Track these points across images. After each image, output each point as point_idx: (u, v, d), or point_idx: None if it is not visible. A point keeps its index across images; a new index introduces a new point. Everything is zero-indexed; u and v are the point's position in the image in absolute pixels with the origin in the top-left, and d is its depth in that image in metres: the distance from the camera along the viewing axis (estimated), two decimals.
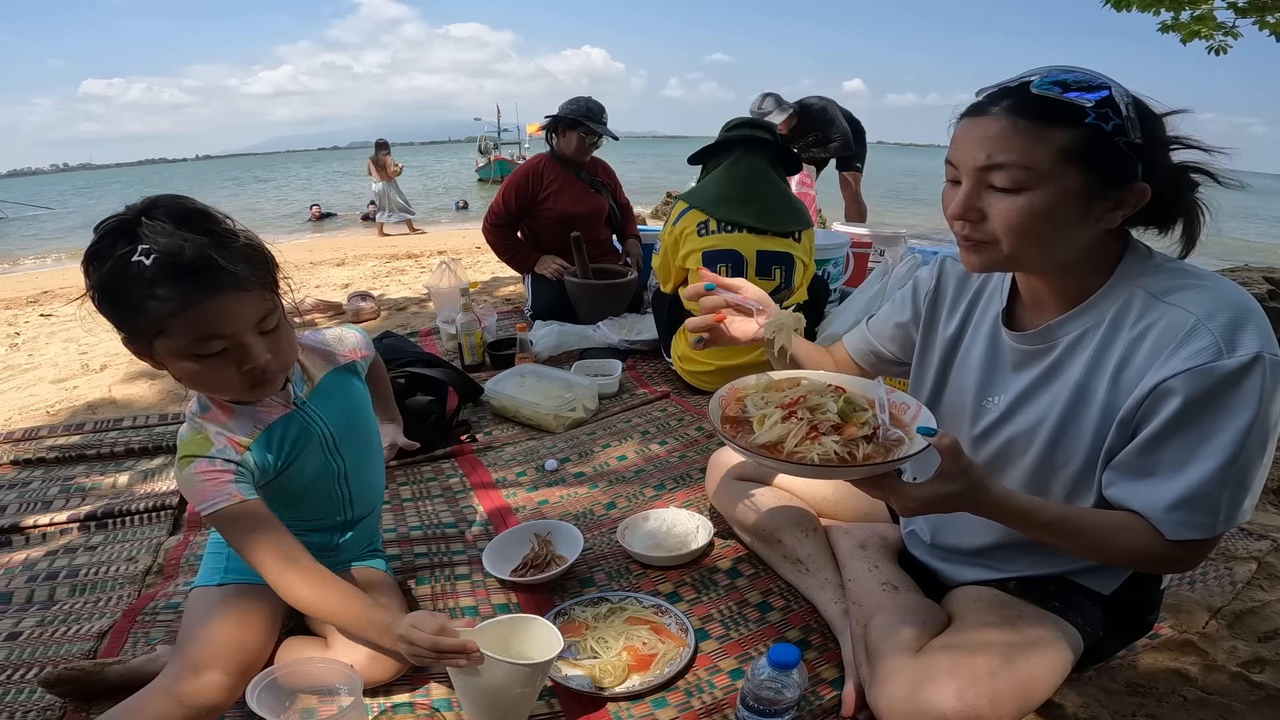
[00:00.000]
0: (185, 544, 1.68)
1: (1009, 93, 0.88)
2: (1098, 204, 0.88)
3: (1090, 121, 0.84)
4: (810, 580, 1.36)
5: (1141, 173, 0.86)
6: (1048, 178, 0.86)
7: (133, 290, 0.92)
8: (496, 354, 2.77)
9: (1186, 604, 1.43)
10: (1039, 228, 0.88)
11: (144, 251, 0.91)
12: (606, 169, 3.43)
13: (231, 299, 0.96)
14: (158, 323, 0.93)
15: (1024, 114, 0.86)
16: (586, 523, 1.70)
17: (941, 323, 1.18)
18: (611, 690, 1.17)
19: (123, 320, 0.97)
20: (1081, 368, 0.96)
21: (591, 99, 3.18)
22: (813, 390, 1.01)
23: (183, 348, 0.96)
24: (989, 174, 0.89)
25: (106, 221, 0.96)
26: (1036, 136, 0.85)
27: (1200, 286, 0.88)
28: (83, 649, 1.32)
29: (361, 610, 1.07)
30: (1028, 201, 0.87)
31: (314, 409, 1.19)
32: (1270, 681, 1.24)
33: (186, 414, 1.10)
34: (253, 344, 1.00)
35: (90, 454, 2.18)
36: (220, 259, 0.94)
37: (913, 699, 0.93)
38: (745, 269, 2.35)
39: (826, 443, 0.91)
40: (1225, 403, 0.83)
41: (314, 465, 1.19)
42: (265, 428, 1.12)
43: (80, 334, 3.77)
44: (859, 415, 0.95)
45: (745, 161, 2.42)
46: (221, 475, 1.04)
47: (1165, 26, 5.56)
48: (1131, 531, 0.90)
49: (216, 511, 1.03)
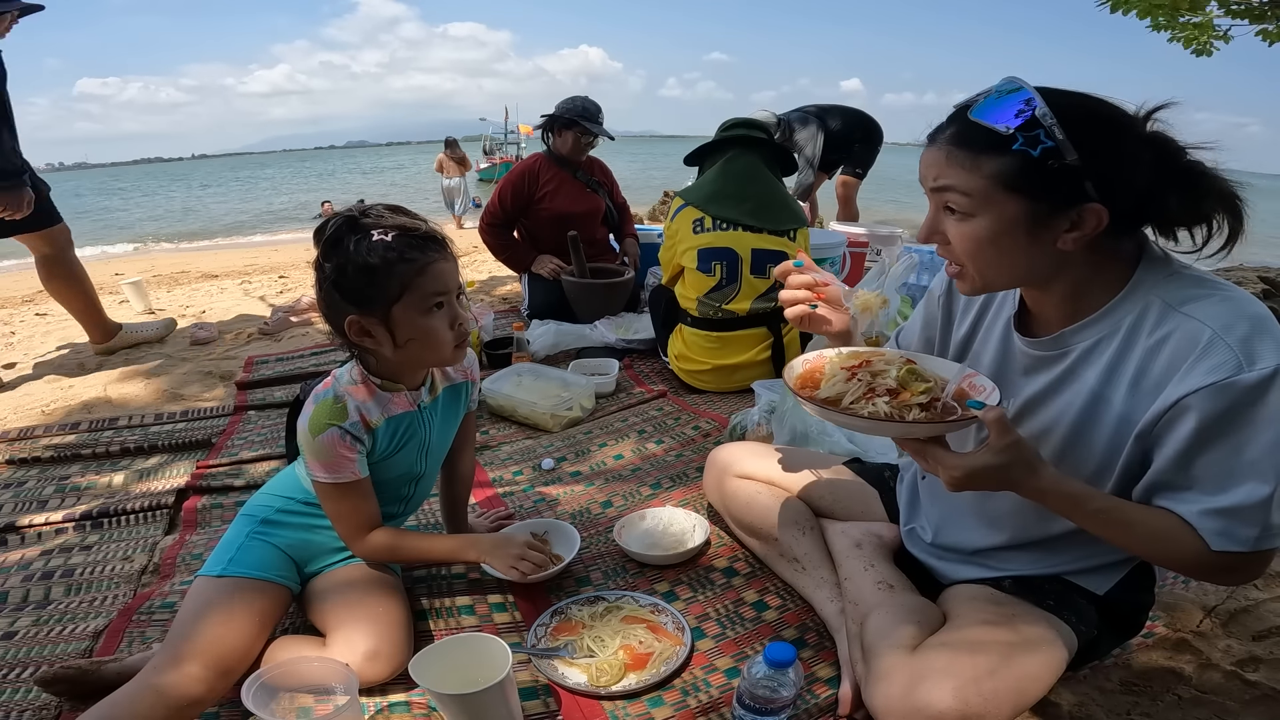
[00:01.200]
0: (181, 543, 1.67)
1: (953, 119, 0.90)
2: (1047, 228, 0.87)
3: (1018, 148, 0.83)
4: (806, 579, 1.36)
5: (1098, 192, 0.84)
6: (986, 205, 0.87)
7: (382, 257, 1.11)
8: (493, 353, 2.77)
9: (1181, 603, 1.44)
10: (988, 253, 0.90)
11: (381, 232, 1.12)
12: (603, 168, 3.43)
13: (450, 265, 1.19)
14: (404, 281, 1.13)
15: (958, 142, 0.88)
16: (583, 522, 1.70)
17: (955, 325, 1.18)
18: (608, 689, 1.17)
19: (369, 288, 1.13)
20: (1097, 376, 0.94)
21: (588, 98, 3.17)
22: (882, 358, 1.05)
23: (419, 303, 1.15)
24: (942, 198, 0.91)
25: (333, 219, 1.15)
26: (969, 165, 0.87)
27: (1215, 297, 0.86)
28: (78, 648, 1.32)
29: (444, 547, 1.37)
30: (973, 228, 0.89)
31: (430, 415, 1.32)
32: (1265, 680, 1.25)
33: (333, 381, 1.23)
34: (456, 304, 1.20)
35: (86, 453, 2.18)
36: (437, 232, 1.19)
37: (908, 697, 0.93)
38: (740, 267, 2.35)
39: (879, 403, 0.94)
40: (1252, 416, 0.82)
41: (406, 463, 1.31)
42: (390, 417, 1.24)
43: (76, 333, 3.76)
44: (917, 385, 0.98)
45: (741, 160, 2.42)
46: (350, 453, 1.19)
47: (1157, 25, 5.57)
48: (1179, 535, 0.87)
49: (336, 483, 1.20)
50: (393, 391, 1.25)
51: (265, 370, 2.91)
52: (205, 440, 2.25)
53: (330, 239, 1.14)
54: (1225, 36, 5.40)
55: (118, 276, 5.58)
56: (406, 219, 1.16)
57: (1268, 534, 0.84)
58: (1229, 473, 0.84)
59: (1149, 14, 5.36)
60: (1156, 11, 5.33)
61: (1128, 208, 0.86)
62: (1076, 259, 0.91)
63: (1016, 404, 1.04)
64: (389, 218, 1.15)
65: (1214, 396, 0.82)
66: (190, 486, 1.93)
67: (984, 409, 0.86)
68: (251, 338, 3.48)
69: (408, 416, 1.27)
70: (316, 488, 1.23)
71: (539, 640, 1.28)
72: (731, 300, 2.38)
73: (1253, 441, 0.82)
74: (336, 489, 1.21)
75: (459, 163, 10.60)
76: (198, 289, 5.04)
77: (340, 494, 1.22)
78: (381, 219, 1.14)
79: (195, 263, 7.17)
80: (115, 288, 4.99)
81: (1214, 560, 0.86)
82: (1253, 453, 0.83)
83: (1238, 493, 0.83)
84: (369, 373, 1.23)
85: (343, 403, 1.19)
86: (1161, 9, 5.30)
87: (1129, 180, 0.85)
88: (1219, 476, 0.85)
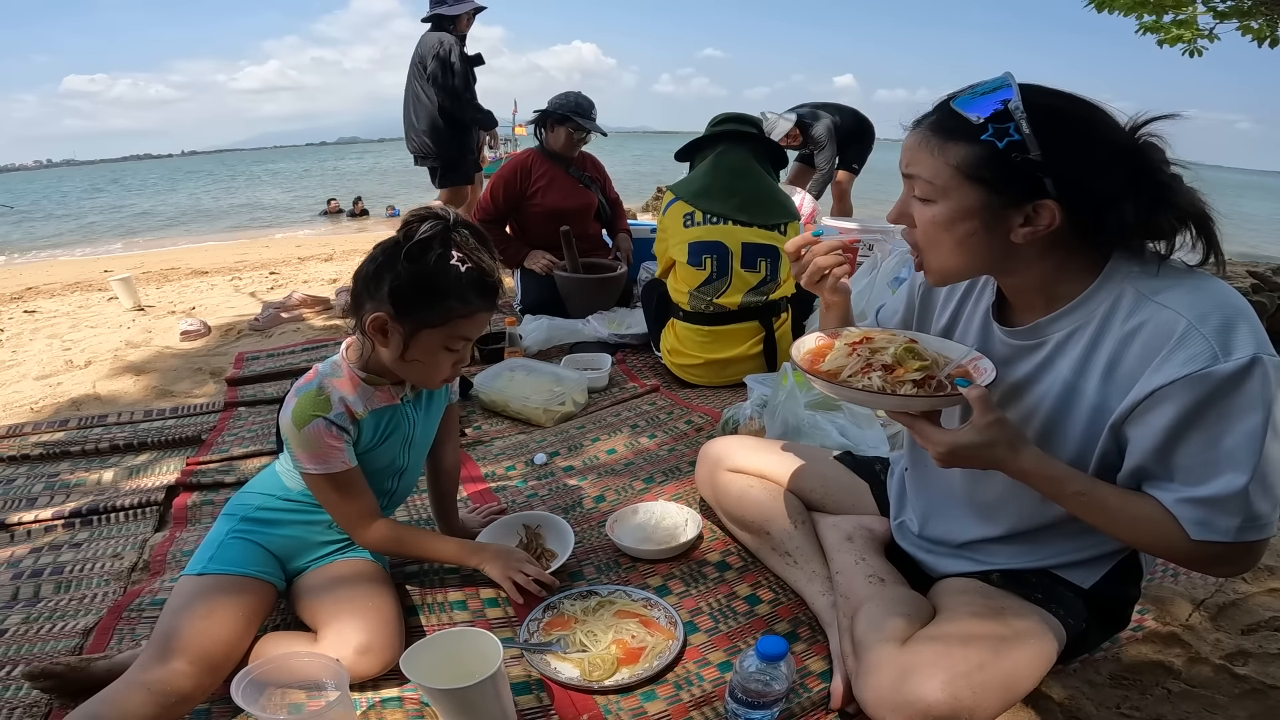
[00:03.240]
0: (171, 540, 1.66)
1: (937, 108, 0.93)
2: (1002, 219, 0.89)
3: (985, 139, 0.85)
4: (798, 572, 1.36)
5: (1057, 190, 0.85)
6: (947, 192, 0.90)
7: (447, 286, 1.14)
8: (485, 348, 2.76)
9: (1170, 596, 1.45)
10: (942, 239, 0.93)
11: (459, 259, 1.14)
12: (595, 164, 3.42)
13: (490, 316, 1.23)
14: (450, 315, 1.16)
15: (934, 129, 0.91)
16: (576, 516, 1.70)
17: (935, 315, 1.19)
18: (601, 683, 1.17)
19: (418, 303, 1.15)
20: (1071, 366, 0.95)
21: (580, 94, 3.16)
22: (883, 337, 1.09)
23: (444, 340, 1.18)
24: (911, 182, 0.95)
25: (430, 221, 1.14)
26: (937, 151, 0.90)
27: (1189, 286, 0.86)
28: (68, 646, 1.31)
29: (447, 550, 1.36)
30: (931, 213, 0.93)
31: (412, 409, 1.32)
32: (1253, 674, 1.25)
33: (315, 374, 1.23)
34: (468, 349, 1.24)
35: (75, 450, 2.17)
36: (500, 284, 1.21)
37: (899, 690, 0.93)
38: (731, 261, 2.35)
39: (874, 378, 0.99)
40: (1228, 407, 0.82)
41: (389, 456, 1.31)
42: (374, 410, 1.25)
43: (65, 330, 3.74)
44: (913, 362, 1.01)
45: (731, 155, 2.42)
46: (337, 443, 1.19)
47: (1144, 28, 5.58)
48: (1162, 522, 0.88)
49: (327, 474, 1.20)
50: (376, 385, 1.25)
51: (256, 366, 2.90)
52: (195, 437, 2.24)
53: (422, 240, 1.13)
54: (1211, 36, 5.42)
55: (107, 273, 5.54)
56: (488, 259, 1.18)
57: (1250, 524, 0.84)
58: (1206, 463, 0.84)
59: (1133, 10, 5.36)
60: (1141, 9, 5.34)
61: (1085, 212, 0.87)
62: (1034, 255, 0.92)
63: (996, 393, 1.05)
64: (474, 249, 1.16)
65: (1190, 387, 0.82)
66: (180, 483, 1.92)
67: (968, 387, 0.90)
68: (242, 334, 3.47)
69: (390, 410, 1.27)
70: (308, 481, 1.23)
71: (531, 635, 1.28)
72: (722, 294, 2.38)
73: (1229, 432, 0.82)
74: (328, 480, 1.21)
75: None
76: (187, 285, 5.01)
77: (333, 485, 1.22)
78: (467, 245, 1.16)
79: (185, 259, 7.13)
80: (104, 284, 4.95)
81: (1196, 550, 0.87)
82: (1229, 443, 0.83)
83: (1216, 483, 0.84)
84: (359, 364, 1.24)
85: (326, 394, 1.20)
86: (1146, 6, 5.31)
87: (1090, 186, 0.86)
88: (1197, 467, 0.85)
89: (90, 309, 4.25)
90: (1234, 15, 5.22)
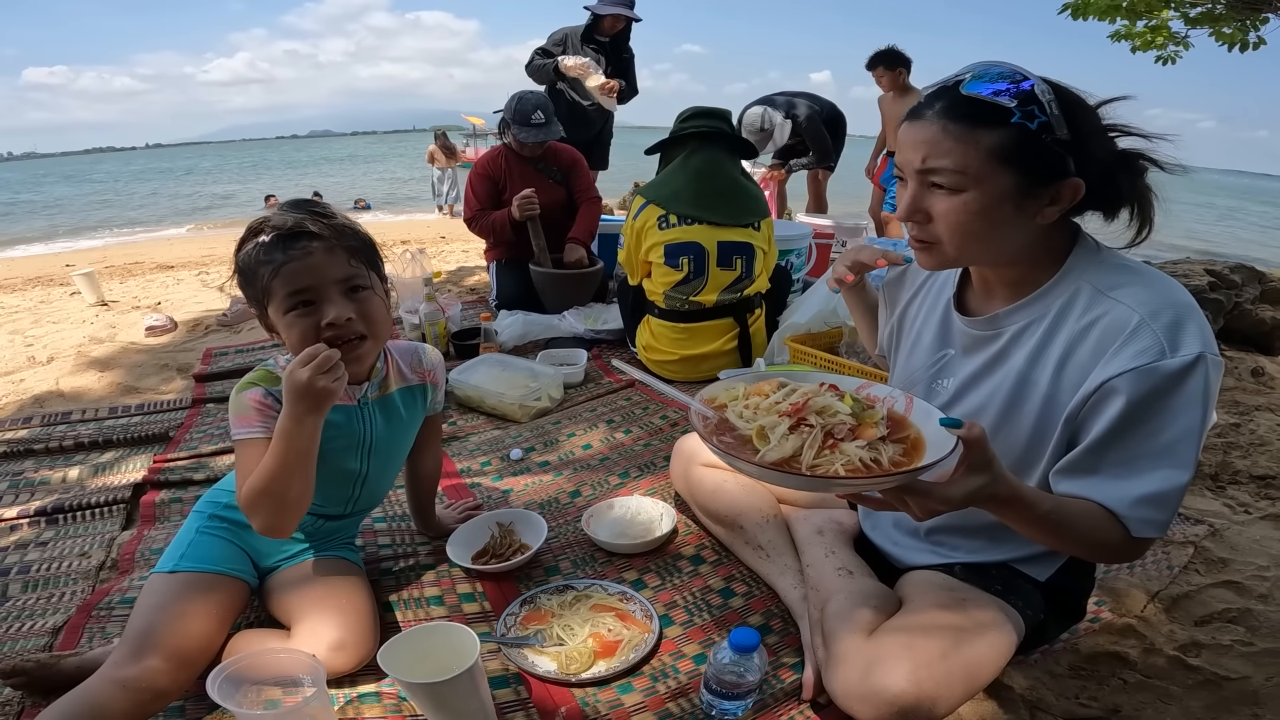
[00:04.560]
0: (139, 538, 1.64)
1: (942, 94, 0.91)
2: (1033, 200, 0.91)
3: (1016, 121, 0.86)
4: (770, 566, 1.39)
5: (1074, 166, 0.89)
6: (980, 178, 0.89)
7: (254, 263, 1.10)
8: (461, 344, 2.75)
9: (1126, 588, 1.49)
10: (976, 227, 0.92)
11: (266, 233, 1.10)
12: (572, 156, 3.34)
13: (316, 259, 1.10)
14: (265, 285, 1.10)
15: (953, 117, 0.89)
16: (551, 511, 1.71)
17: (900, 305, 1.22)
18: (578, 676, 1.18)
19: (250, 294, 1.14)
20: (1024, 358, 0.98)
21: (526, 94, 3.08)
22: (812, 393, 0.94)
23: (282, 306, 1.11)
24: (928, 176, 0.92)
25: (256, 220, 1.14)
26: (966, 139, 0.88)
27: (1142, 284, 0.91)
28: (37, 645, 1.29)
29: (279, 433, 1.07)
30: (963, 202, 0.90)
31: (371, 414, 1.28)
32: (1206, 665, 1.29)
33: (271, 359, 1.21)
34: (334, 300, 1.12)
35: (39, 448, 2.12)
36: (311, 226, 1.11)
37: (865, 681, 0.95)
38: (707, 260, 2.36)
39: (850, 449, 0.83)
40: (1169, 402, 0.86)
41: (341, 459, 1.26)
42: None
43: (27, 325, 3.64)
44: (870, 414, 0.90)
45: (700, 156, 2.41)
46: (268, 410, 1.14)
47: (1117, 35, 5.68)
48: (1105, 527, 0.90)
49: (248, 438, 1.13)
50: None
51: (224, 362, 2.85)
52: (163, 434, 2.20)
53: (240, 239, 1.14)
54: (1185, 43, 5.53)
55: (69, 268, 5.41)
56: (285, 215, 1.11)
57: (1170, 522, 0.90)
58: (1146, 455, 0.88)
59: (1107, 15, 5.45)
60: (1115, 13, 5.43)
61: (1095, 186, 0.91)
62: (1041, 236, 0.95)
63: (955, 383, 1.08)
64: (279, 216, 1.12)
65: (1137, 380, 0.86)
66: (148, 481, 1.89)
67: (963, 426, 0.80)
68: (210, 329, 3.41)
69: (344, 410, 1.23)
70: (235, 451, 1.15)
71: (508, 629, 1.28)
72: (699, 292, 2.40)
73: (1169, 426, 0.86)
74: (244, 445, 1.13)
75: (448, 153, 10.84)
76: (152, 280, 4.90)
77: (245, 451, 1.12)
78: (275, 218, 1.12)
79: (149, 253, 6.97)
80: (66, 279, 4.84)
81: (1129, 548, 0.91)
82: (1169, 437, 0.87)
83: (1154, 478, 0.87)
84: None
85: (276, 374, 1.17)
86: (1120, 11, 5.41)
87: (1099, 158, 0.90)
88: (1137, 459, 0.88)
89: (52, 304, 4.15)
90: (1206, 21, 5.34)
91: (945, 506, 0.83)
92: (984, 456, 0.81)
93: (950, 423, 0.81)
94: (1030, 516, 0.89)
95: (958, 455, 0.82)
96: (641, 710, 1.14)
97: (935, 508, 0.83)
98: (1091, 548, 0.94)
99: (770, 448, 0.86)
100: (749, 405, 0.95)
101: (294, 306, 1.11)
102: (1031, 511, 0.89)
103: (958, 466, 0.82)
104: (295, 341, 1.11)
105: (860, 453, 0.84)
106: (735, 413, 0.94)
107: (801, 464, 0.84)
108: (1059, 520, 0.90)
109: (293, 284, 1.10)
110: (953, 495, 0.82)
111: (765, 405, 0.94)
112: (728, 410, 0.96)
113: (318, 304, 1.11)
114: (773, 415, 0.90)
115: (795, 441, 0.85)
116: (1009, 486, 0.85)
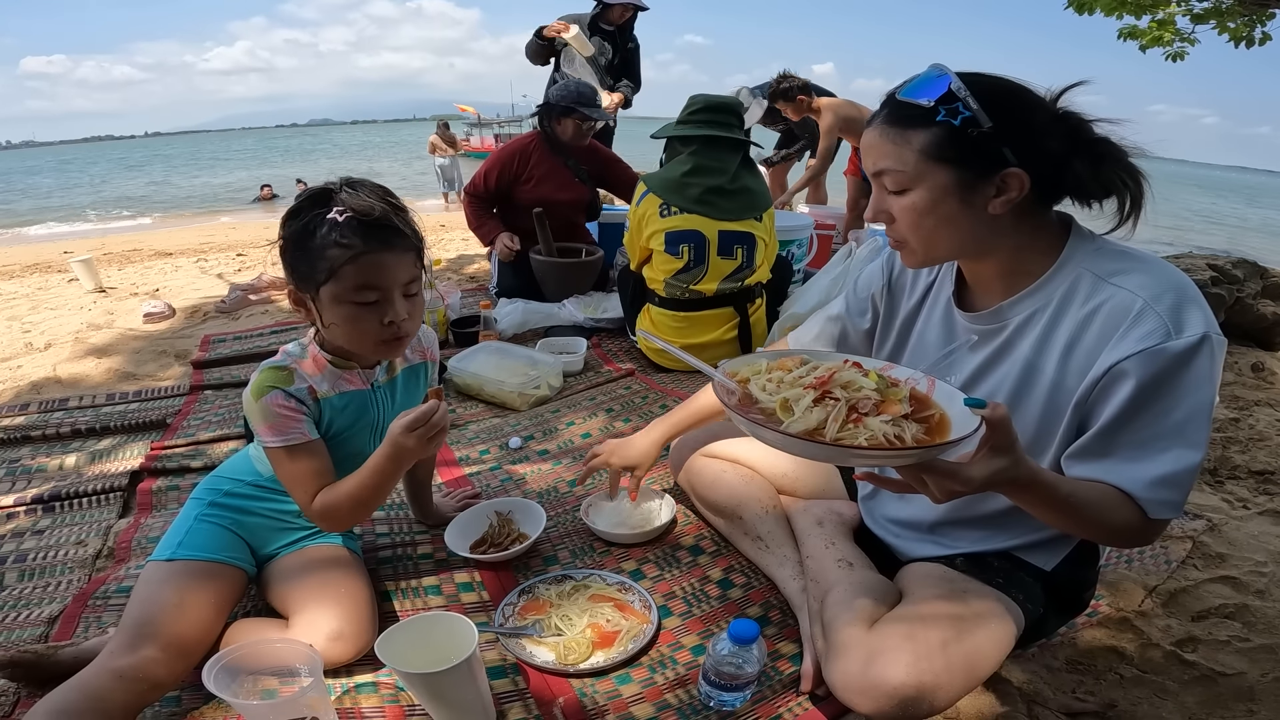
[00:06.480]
0: (136, 526, 1.64)
1: (885, 102, 0.97)
2: (977, 193, 0.92)
3: (941, 119, 0.90)
4: (770, 557, 1.38)
5: (1016, 158, 0.90)
6: (920, 177, 0.93)
7: (325, 236, 1.07)
8: (460, 332, 2.74)
9: (1124, 582, 1.49)
10: (928, 223, 0.95)
11: (339, 210, 1.07)
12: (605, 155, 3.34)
13: (393, 257, 1.11)
14: (333, 265, 1.08)
15: (890, 121, 0.95)
16: (550, 500, 1.70)
17: (900, 305, 1.21)
18: (576, 667, 1.18)
19: (303, 264, 1.10)
20: (1030, 346, 0.99)
21: (581, 81, 3.10)
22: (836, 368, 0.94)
23: (344, 293, 1.10)
24: (880, 179, 0.97)
25: (309, 190, 1.12)
26: (900, 141, 0.94)
27: (1142, 269, 0.92)
28: (33, 634, 1.29)
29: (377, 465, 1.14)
30: (911, 202, 0.95)
31: (384, 396, 1.29)
32: (1202, 660, 1.29)
33: (282, 354, 1.20)
34: (397, 301, 1.13)
35: (36, 435, 2.11)
36: (396, 221, 1.11)
37: (865, 673, 0.95)
38: (708, 249, 2.35)
39: (873, 424, 0.82)
40: (1178, 383, 0.87)
41: (358, 444, 1.26)
42: (341, 393, 1.22)
43: (24, 311, 3.63)
44: (895, 391, 0.89)
45: (707, 153, 2.38)
46: (296, 414, 1.15)
47: (1124, 33, 5.65)
48: (1122, 509, 0.90)
49: (286, 446, 1.15)
50: (344, 369, 1.22)
51: (223, 349, 2.84)
52: (160, 421, 2.19)
53: (293, 207, 1.12)
54: (1191, 39, 5.50)
55: (67, 254, 5.39)
56: (368, 201, 1.09)
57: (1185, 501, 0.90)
58: (1158, 436, 0.88)
59: (1113, 11, 5.42)
60: (1120, 8, 5.39)
61: (1046, 174, 0.92)
62: (1009, 227, 0.96)
63: (960, 379, 1.08)
64: (355, 198, 1.09)
65: (1146, 362, 0.86)
66: (145, 468, 1.88)
67: (986, 407, 0.78)
68: (208, 316, 3.40)
69: (360, 395, 1.24)
70: (269, 455, 1.18)
71: (507, 619, 1.28)
72: (699, 281, 2.39)
73: (1179, 406, 0.87)
74: (287, 452, 1.15)
75: (450, 143, 10.90)
76: (151, 266, 4.88)
77: (291, 457, 1.16)
78: (349, 198, 1.08)
79: (148, 240, 6.94)
80: (64, 265, 4.82)
81: (1146, 529, 0.92)
82: (1179, 416, 0.87)
83: (1167, 458, 0.88)
84: (321, 346, 1.21)
85: (288, 370, 1.17)
86: (1126, 6, 5.37)
87: (1042, 148, 0.91)
88: (1148, 441, 0.89)
89: (50, 290, 4.13)
90: (1211, 17, 5.30)
91: (965, 488, 0.81)
92: (1008, 438, 0.80)
93: (974, 403, 0.80)
94: (1048, 499, 0.89)
95: (979, 436, 0.81)
96: (639, 701, 1.14)
97: (955, 489, 0.82)
98: (1108, 530, 0.93)
99: (795, 419, 0.85)
100: (772, 379, 0.95)
101: (358, 299, 1.11)
102: (1050, 494, 0.88)
103: (980, 447, 0.81)
104: (348, 330, 1.14)
105: (885, 427, 0.82)
106: (759, 386, 0.94)
107: (826, 436, 0.82)
108: (1077, 504, 0.90)
109: (367, 278, 1.10)
110: (974, 476, 0.81)
111: (789, 379, 0.94)
112: (750, 384, 0.95)
113: (382, 303, 1.12)
114: (797, 389, 0.90)
115: (820, 414, 0.85)
116: (1029, 469, 0.84)
